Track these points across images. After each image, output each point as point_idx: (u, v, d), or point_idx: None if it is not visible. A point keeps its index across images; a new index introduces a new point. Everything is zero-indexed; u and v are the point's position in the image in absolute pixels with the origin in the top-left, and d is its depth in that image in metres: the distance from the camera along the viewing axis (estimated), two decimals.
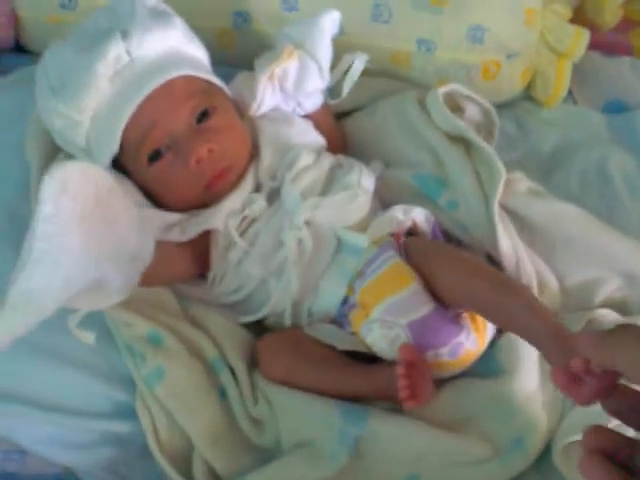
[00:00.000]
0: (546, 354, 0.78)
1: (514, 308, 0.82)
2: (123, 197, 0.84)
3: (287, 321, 0.94)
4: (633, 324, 0.51)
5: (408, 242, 0.93)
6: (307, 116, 1.06)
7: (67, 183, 0.76)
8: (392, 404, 0.88)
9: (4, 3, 1.21)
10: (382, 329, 0.86)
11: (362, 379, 0.88)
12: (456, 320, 0.87)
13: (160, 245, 0.88)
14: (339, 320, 0.92)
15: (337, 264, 0.93)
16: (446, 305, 0.87)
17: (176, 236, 0.94)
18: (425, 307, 0.86)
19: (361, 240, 0.92)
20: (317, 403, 0.87)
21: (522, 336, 0.82)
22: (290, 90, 1.02)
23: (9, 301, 0.75)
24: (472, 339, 0.86)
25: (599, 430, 0.54)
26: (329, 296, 0.92)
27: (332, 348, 0.91)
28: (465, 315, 0.88)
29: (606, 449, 0.52)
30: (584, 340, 0.52)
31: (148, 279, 0.87)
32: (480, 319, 0.87)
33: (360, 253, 0.91)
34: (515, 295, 0.83)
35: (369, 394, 0.88)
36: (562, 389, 0.56)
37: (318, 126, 1.06)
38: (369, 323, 0.87)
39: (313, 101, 1.05)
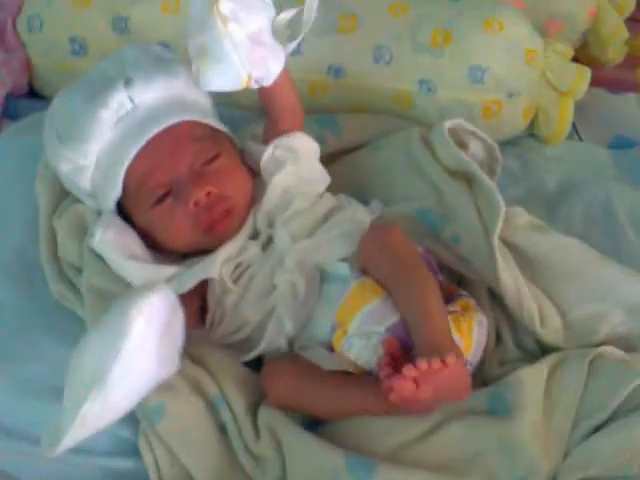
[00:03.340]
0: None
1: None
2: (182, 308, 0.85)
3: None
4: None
5: None
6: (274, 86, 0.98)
7: (152, 315, 0.78)
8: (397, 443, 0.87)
9: (18, 50, 1.26)
10: (362, 340, 0.85)
11: (367, 392, 0.86)
12: None
13: None
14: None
15: (323, 295, 0.93)
16: None
17: (175, 289, 0.91)
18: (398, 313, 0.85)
19: (342, 268, 0.92)
20: (325, 452, 0.86)
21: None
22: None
23: (81, 418, 0.76)
24: None
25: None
26: (319, 327, 0.92)
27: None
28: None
29: None
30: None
31: None
32: (464, 324, 0.86)
33: (344, 281, 0.91)
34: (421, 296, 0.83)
35: (376, 408, 0.87)
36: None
37: (282, 92, 1.01)
38: (348, 339, 0.86)
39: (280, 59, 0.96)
